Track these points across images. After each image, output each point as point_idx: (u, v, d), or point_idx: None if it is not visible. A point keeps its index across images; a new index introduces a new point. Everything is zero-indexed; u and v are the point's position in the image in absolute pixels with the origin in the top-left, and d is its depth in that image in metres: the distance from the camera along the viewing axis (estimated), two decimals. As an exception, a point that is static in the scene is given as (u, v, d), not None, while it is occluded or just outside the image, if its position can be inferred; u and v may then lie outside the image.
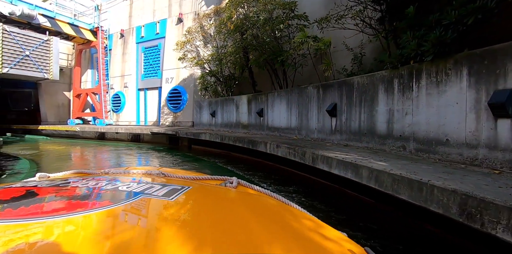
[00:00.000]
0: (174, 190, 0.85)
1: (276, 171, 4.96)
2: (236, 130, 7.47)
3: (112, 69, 14.77)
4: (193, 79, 11.12)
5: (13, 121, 18.21)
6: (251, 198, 0.98)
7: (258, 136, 5.80)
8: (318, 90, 4.84)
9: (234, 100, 7.51)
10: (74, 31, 13.87)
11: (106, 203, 0.70)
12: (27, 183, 0.94)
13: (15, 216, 0.60)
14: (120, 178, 1.05)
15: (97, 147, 9.94)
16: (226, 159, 6.51)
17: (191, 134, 7.66)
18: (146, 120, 13.51)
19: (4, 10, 11.02)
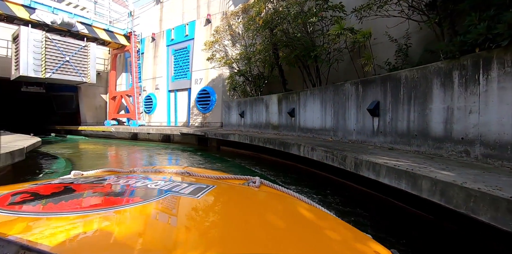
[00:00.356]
0: (199, 188, 0.87)
1: (310, 176, 4.58)
2: (265, 131, 7.18)
3: (145, 72, 15.24)
4: (221, 79, 11.03)
5: (57, 122, 19.59)
6: (274, 198, 0.98)
7: (289, 138, 5.45)
8: (357, 87, 4.38)
9: (264, 100, 7.22)
10: (109, 37, 14.50)
11: (137, 200, 0.72)
12: (64, 180, 0.99)
13: (56, 210, 0.64)
14: (148, 176, 1.08)
15: (129, 147, 10.22)
16: (256, 161, 6.24)
17: (219, 135, 7.51)
18: (177, 121, 13.73)
19: (47, 19, 11.76)
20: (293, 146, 4.47)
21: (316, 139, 5.24)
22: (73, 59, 12.50)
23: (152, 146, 10.31)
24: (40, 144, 5.76)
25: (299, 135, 5.95)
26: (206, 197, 0.81)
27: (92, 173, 1.27)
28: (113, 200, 0.74)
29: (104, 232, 0.54)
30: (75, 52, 12.57)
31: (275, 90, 7.48)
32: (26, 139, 5.66)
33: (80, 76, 12.79)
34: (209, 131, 8.28)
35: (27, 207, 0.68)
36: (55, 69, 11.83)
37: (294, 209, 0.89)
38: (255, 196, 0.98)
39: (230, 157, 6.90)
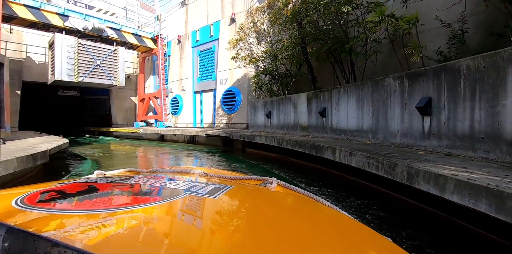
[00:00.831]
0: (217, 188, 0.87)
1: (346, 184, 4.06)
2: (294, 132, 6.70)
3: (171, 74, 15.40)
4: (247, 79, 10.72)
5: (92, 124, 20.55)
6: (291, 199, 0.99)
7: (321, 140, 4.95)
8: (402, 82, 3.78)
9: (292, 99, 6.76)
10: (137, 40, 14.82)
11: (157, 199, 0.74)
12: (88, 179, 1.02)
13: (81, 207, 0.68)
14: (167, 176, 1.09)
15: (154, 148, 10.23)
16: (283, 165, 5.80)
17: (245, 136, 7.17)
18: (202, 122, 13.66)
19: (79, 26, 12.23)
20: (326, 150, 3.97)
21: (351, 141, 4.68)
22: (103, 63, 12.89)
23: (177, 147, 10.26)
24: (68, 146, 5.78)
25: (331, 137, 5.41)
26: (224, 197, 0.81)
27: (114, 173, 1.31)
28: (134, 199, 0.76)
29: (126, 229, 0.56)
30: (105, 57, 12.96)
31: (303, 89, 6.98)
32: (54, 141, 5.72)
33: (110, 79, 13.15)
34: (234, 132, 7.98)
35: (55, 205, 0.70)
36: (87, 73, 12.25)
37: (311, 210, 0.89)
38: (272, 196, 0.98)
39: (255, 160, 6.52)
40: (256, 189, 1.04)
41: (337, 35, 5.06)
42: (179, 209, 0.71)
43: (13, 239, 0.38)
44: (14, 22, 11.84)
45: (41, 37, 14.26)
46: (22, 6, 11.06)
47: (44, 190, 0.82)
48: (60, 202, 0.72)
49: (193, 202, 0.77)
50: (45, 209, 0.65)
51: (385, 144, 4.08)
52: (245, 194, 0.95)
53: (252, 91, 10.52)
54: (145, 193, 0.83)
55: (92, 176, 1.19)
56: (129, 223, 0.60)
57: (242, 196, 0.92)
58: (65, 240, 0.47)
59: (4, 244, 0.38)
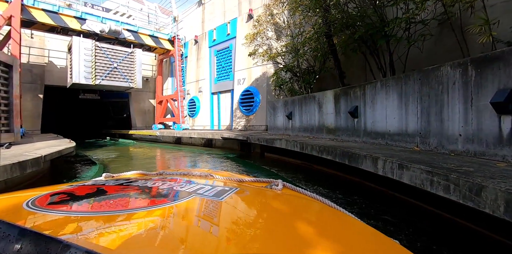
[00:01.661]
0: (223, 191, 0.88)
1: (393, 203, 3.22)
2: (318, 135, 5.90)
3: (188, 75, 15.05)
4: (265, 78, 10.02)
5: (113, 126, 20.80)
6: (297, 201, 0.98)
7: (353, 146, 4.13)
8: (465, 70, 2.90)
9: (316, 97, 5.96)
10: (154, 42, 14.61)
11: (164, 201, 0.75)
12: (97, 182, 1.04)
13: (91, 209, 0.69)
14: (174, 179, 1.09)
15: (168, 152, 9.78)
16: (308, 174, 5.02)
17: (263, 140, 6.46)
18: (220, 124, 13.13)
19: (96, 29, 12.14)
20: (364, 159, 3.16)
21: (392, 147, 3.83)
22: (120, 65, 12.74)
23: (192, 151, 9.75)
24: (72, 151, 5.38)
25: (364, 141, 4.56)
26: (230, 199, 0.81)
27: (122, 175, 1.31)
28: (141, 201, 0.76)
29: (135, 231, 0.56)
30: (122, 59, 12.81)
31: (328, 87, 6.16)
32: (60, 146, 5.33)
33: (127, 81, 12.99)
34: (252, 135, 7.29)
35: (65, 207, 0.70)
36: (104, 75, 12.13)
37: (318, 213, 0.88)
38: (278, 198, 0.98)
39: (275, 167, 5.78)
40: (262, 191, 1.03)
41: (372, 20, 4.23)
42: (186, 211, 0.71)
43: (25, 241, 0.39)
44: (35, 27, 11.96)
45: (62, 41, 14.45)
46: (40, 11, 11.10)
47: (54, 192, 0.83)
48: (70, 204, 0.73)
49: (199, 204, 0.77)
50: (56, 211, 0.66)
51: (440, 151, 3.20)
52: (251, 196, 0.95)
53: (271, 90, 9.79)
54: (152, 195, 0.82)
55: (101, 178, 1.19)
56: (138, 225, 0.60)
57: (248, 198, 0.92)
58: (75, 241, 0.47)
59: (16, 245, 0.38)
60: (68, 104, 21.93)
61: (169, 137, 12.86)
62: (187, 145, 11.78)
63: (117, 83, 12.63)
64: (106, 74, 12.22)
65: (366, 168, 3.10)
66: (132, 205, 0.72)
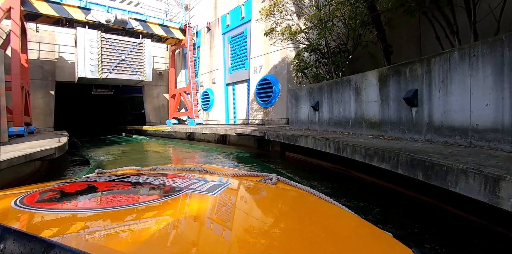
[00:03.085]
0: (216, 185, 0.86)
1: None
2: (355, 130, 4.57)
3: (201, 66, 13.98)
4: (285, 64, 8.69)
5: (130, 122, 20.46)
6: (291, 195, 0.97)
7: (419, 147, 2.79)
8: None
9: (352, 82, 4.61)
10: (164, 32, 13.63)
11: (155, 197, 0.73)
12: (88, 178, 1.01)
13: (80, 207, 0.67)
14: (167, 174, 1.07)
15: (177, 150, 8.83)
16: (342, 184, 3.77)
17: (284, 137, 5.23)
18: (236, 118, 12.01)
19: (102, 19, 11.31)
20: (462, 177, 1.85)
21: (485, 150, 2.47)
22: (128, 57, 11.90)
23: (203, 149, 8.73)
24: (53, 153, 4.47)
25: (429, 139, 3.20)
26: (223, 194, 0.80)
27: (115, 172, 1.28)
28: (133, 197, 0.74)
29: (125, 228, 0.55)
30: (130, 50, 11.95)
31: (364, 69, 4.77)
32: (43, 146, 4.45)
33: (136, 74, 12.14)
34: (270, 131, 6.08)
35: (54, 205, 0.68)
36: (111, 69, 11.35)
37: (311, 206, 0.87)
38: (272, 192, 0.97)
39: (299, 171, 4.58)
40: (256, 186, 1.01)
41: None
42: (178, 206, 0.70)
43: (8, 240, 0.37)
44: (40, 20, 11.34)
45: (72, 36, 13.79)
46: (43, 2, 10.38)
47: (43, 190, 0.81)
48: (59, 202, 0.71)
49: (192, 199, 0.75)
50: (44, 209, 0.64)
51: None
52: (244, 191, 0.94)
53: (292, 78, 8.47)
54: (144, 191, 0.80)
55: (93, 174, 1.18)
56: (128, 222, 0.59)
57: (241, 193, 0.91)
58: (62, 240, 0.46)
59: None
60: (85, 101, 21.81)
61: (182, 133, 11.95)
62: (199, 142, 10.81)
63: (125, 77, 11.81)
64: (114, 67, 11.42)
65: (469, 194, 1.79)
66: (122, 202, 0.69)
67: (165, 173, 1.10)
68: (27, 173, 4.77)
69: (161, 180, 0.92)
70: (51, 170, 5.71)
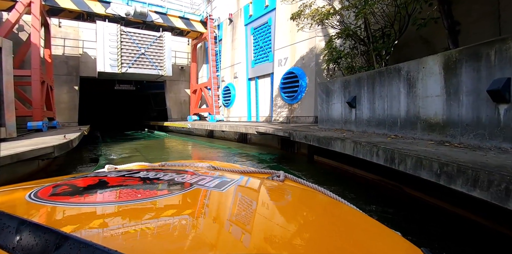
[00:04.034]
0: (224, 182, 0.87)
1: None
2: (406, 133, 3.62)
3: (223, 60, 13.33)
4: (314, 54, 7.75)
5: (154, 118, 20.50)
6: (299, 192, 0.96)
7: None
8: None
9: (403, 71, 3.65)
10: (185, 25, 13.12)
11: (165, 192, 0.74)
12: (99, 174, 1.02)
13: (91, 201, 0.68)
14: (176, 170, 1.07)
15: (194, 148, 8.25)
16: (395, 203, 2.88)
17: (314, 139, 4.38)
18: (258, 115, 11.25)
19: (121, 12, 10.99)
20: None
21: None
22: (148, 51, 11.52)
23: (221, 148, 8.08)
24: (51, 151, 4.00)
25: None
26: (231, 190, 0.80)
27: (124, 167, 1.28)
28: (143, 192, 0.75)
29: (135, 222, 0.56)
30: (150, 44, 11.55)
31: (414, 56, 3.76)
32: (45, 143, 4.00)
33: (156, 69, 11.75)
34: (296, 130, 5.25)
35: (67, 198, 0.69)
36: (131, 63, 11.03)
37: (319, 204, 0.87)
38: (279, 190, 0.96)
39: (332, 182, 3.72)
40: (263, 182, 1.00)
41: None
42: (187, 202, 0.71)
43: (24, 232, 0.39)
44: (62, 15, 11.28)
45: (95, 31, 13.82)
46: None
47: (56, 184, 0.83)
48: (72, 196, 0.72)
49: (200, 195, 0.76)
50: (57, 202, 0.66)
51: None
52: (252, 187, 0.94)
53: (321, 71, 7.52)
54: (154, 186, 0.80)
55: (103, 170, 1.17)
56: (138, 216, 0.60)
57: (249, 189, 0.91)
58: (75, 232, 0.47)
59: (16, 236, 0.38)
60: (112, 96, 22.15)
61: (202, 130, 11.42)
62: (219, 140, 10.20)
63: (145, 71, 11.45)
64: (133, 62, 11.09)
65: None
66: (133, 197, 0.70)
67: (174, 169, 1.09)
68: (27, 172, 4.37)
69: (170, 176, 0.92)
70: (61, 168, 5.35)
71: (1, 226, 0.40)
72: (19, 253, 0.36)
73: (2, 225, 0.40)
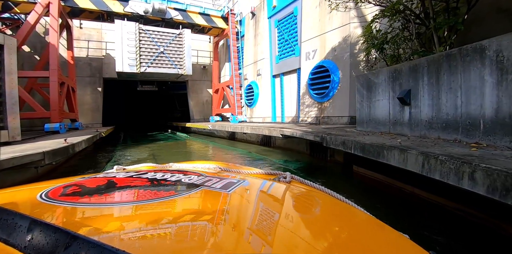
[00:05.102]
0: (230, 183, 0.87)
1: None
2: (496, 141, 2.52)
3: (246, 57, 12.52)
4: (348, 44, 6.67)
5: (177, 119, 20.32)
6: (305, 193, 0.96)
7: None
8: None
9: (489, 50, 2.56)
10: (205, 21, 12.50)
11: (172, 193, 0.74)
12: (108, 174, 1.03)
13: (101, 201, 0.68)
14: (183, 171, 1.09)
15: (212, 155, 7.51)
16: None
17: (357, 146, 3.38)
18: (283, 115, 10.31)
19: (140, 10, 10.60)
20: None
21: None
22: (167, 49, 11.03)
23: (239, 152, 7.26)
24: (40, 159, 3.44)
25: None
26: (237, 192, 0.80)
27: (133, 168, 1.29)
28: (150, 193, 0.75)
29: (143, 222, 0.56)
30: (169, 42, 11.05)
31: (491, 35, 2.61)
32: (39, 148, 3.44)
33: (176, 68, 11.23)
34: (331, 134, 4.27)
35: (76, 198, 0.70)
36: (149, 62, 10.60)
37: (325, 205, 0.86)
38: (286, 191, 0.95)
39: (379, 205, 2.72)
40: (270, 184, 1.00)
41: None
42: (194, 203, 0.71)
43: (36, 231, 0.39)
44: (82, 16, 11.14)
45: (117, 31, 13.71)
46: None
47: (66, 185, 0.84)
48: (81, 196, 0.72)
49: (207, 196, 0.76)
50: (67, 202, 0.66)
51: None
52: (258, 188, 0.94)
53: (358, 63, 6.43)
54: (161, 187, 0.81)
55: (112, 170, 1.18)
56: (146, 216, 0.60)
57: (255, 191, 0.91)
58: (84, 232, 0.47)
59: (27, 235, 0.39)
60: (137, 97, 22.34)
61: (223, 131, 10.71)
62: (241, 142, 9.40)
63: (164, 70, 10.97)
64: (152, 61, 10.65)
65: None
66: (141, 197, 0.71)
67: (181, 170, 1.09)
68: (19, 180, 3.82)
69: (177, 177, 0.93)
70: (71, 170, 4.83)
71: (14, 225, 0.40)
72: (30, 252, 0.37)
73: (14, 225, 0.41)
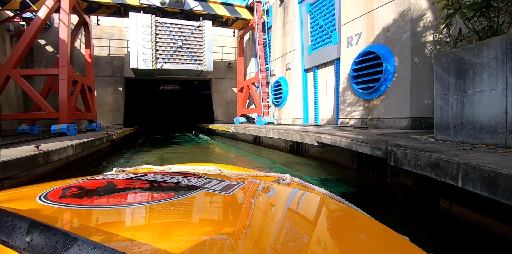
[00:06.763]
0: (230, 185, 0.87)
1: None
2: None
3: (273, 50, 11.09)
4: (407, 21, 4.97)
5: (201, 119, 19.52)
6: (305, 196, 0.95)
7: None
8: None
9: None
10: (228, 11, 11.28)
11: (171, 195, 0.73)
12: (107, 176, 1.04)
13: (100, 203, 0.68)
14: (182, 173, 1.08)
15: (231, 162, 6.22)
16: None
17: (476, 177, 1.81)
18: (317, 117, 8.71)
19: (156, 1, 9.66)
20: None
21: None
22: (186, 44, 9.98)
23: (261, 161, 5.85)
24: None
25: None
26: (237, 194, 0.80)
27: (132, 170, 1.29)
28: (150, 195, 0.75)
29: (143, 224, 0.57)
30: (188, 35, 9.99)
31: None
32: None
33: (195, 63, 10.14)
34: (399, 147, 2.71)
35: (75, 200, 0.70)
36: (166, 58, 9.61)
37: (325, 208, 0.86)
38: (286, 193, 0.95)
39: None
40: (269, 186, 0.99)
41: None
42: (193, 205, 0.71)
43: (35, 233, 0.39)
44: (99, 11, 10.51)
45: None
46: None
47: (66, 186, 0.84)
48: (81, 198, 0.73)
49: (206, 198, 0.76)
50: (67, 204, 0.66)
51: None
52: (258, 191, 0.94)
53: (423, 44, 4.73)
54: (160, 189, 0.81)
55: (111, 172, 1.19)
56: (145, 218, 0.60)
57: (255, 193, 0.91)
58: (83, 234, 0.47)
59: (27, 237, 0.39)
60: (160, 97, 21.93)
61: (247, 134, 9.39)
62: (266, 148, 7.99)
63: (183, 67, 9.93)
64: (169, 56, 9.65)
65: None
66: (140, 199, 0.71)
67: (181, 172, 1.09)
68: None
69: (176, 179, 0.93)
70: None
71: (13, 227, 0.40)
72: (30, 253, 0.37)
73: (13, 226, 0.40)
